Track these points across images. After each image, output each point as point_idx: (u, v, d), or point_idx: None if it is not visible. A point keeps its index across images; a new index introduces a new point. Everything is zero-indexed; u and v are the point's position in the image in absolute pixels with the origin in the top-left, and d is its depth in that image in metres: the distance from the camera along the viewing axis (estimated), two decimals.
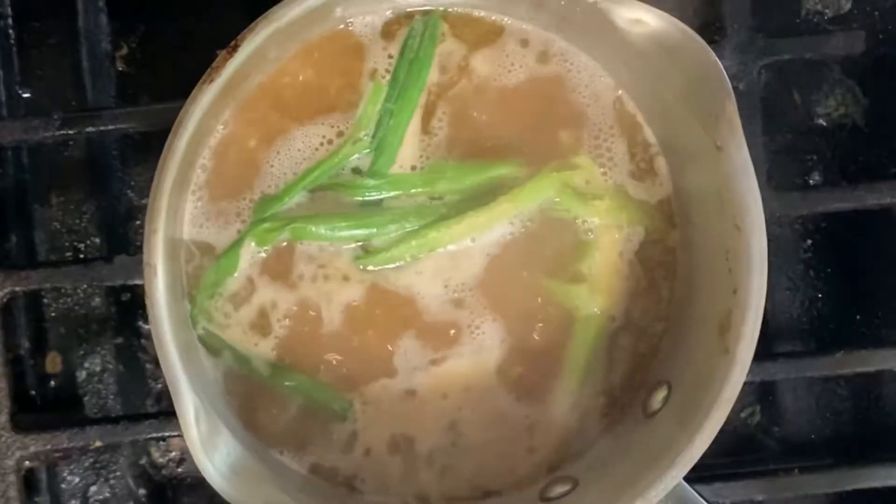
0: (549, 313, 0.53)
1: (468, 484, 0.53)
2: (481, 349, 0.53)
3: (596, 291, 0.53)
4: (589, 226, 0.53)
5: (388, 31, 0.53)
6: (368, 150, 0.53)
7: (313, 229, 0.52)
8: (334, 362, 0.53)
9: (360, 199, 0.53)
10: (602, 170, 0.54)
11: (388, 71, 0.53)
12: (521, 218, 0.53)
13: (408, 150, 0.53)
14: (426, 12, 0.53)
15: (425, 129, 0.53)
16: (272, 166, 0.52)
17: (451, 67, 0.53)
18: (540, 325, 0.53)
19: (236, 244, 0.52)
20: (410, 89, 0.53)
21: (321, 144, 0.53)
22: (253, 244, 0.52)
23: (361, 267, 0.52)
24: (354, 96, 0.53)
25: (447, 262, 0.53)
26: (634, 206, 0.54)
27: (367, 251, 0.52)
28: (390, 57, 0.53)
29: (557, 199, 0.53)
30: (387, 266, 0.53)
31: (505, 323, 0.53)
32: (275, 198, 0.52)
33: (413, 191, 0.53)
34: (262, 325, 0.52)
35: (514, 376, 0.53)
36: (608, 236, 0.53)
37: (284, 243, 0.52)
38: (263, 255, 0.52)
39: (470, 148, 0.53)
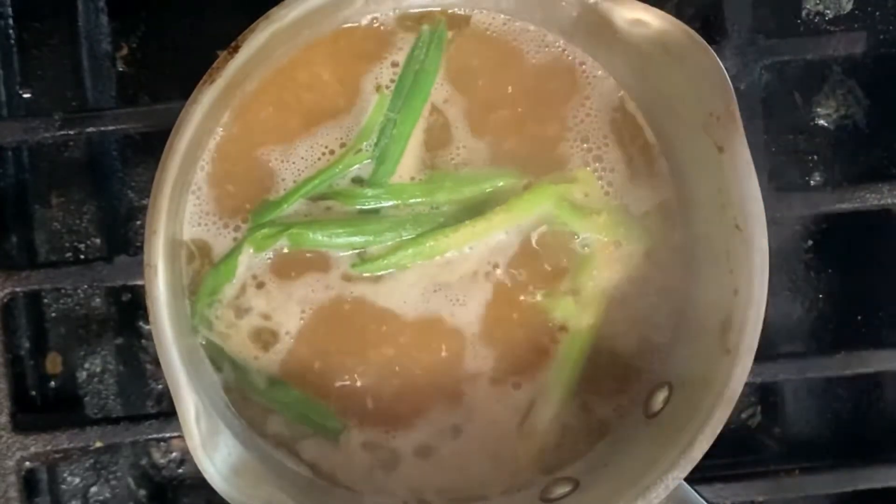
0: (544, 323, 0.53)
1: (468, 485, 0.53)
2: (478, 355, 0.53)
3: (589, 304, 0.53)
4: (586, 240, 0.53)
5: (392, 36, 0.53)
6: (369, 160, 0.53)
7: (311, 235, 0.52)
8: (338, 370, 0.53)
9: (359, 207, 0.52)
10: (601, 182, 0.53)
11: (392, 80, 0.53)
12: (518, 229, 0.53)
13: (408, 161, 0.53)
14: (429, 14, 0.53)
15: (427, 139, 0.53)
16: (273, 172, 0.52)
17: (455, 76, 0.53)
18: (534, 333, 0.53)
19: (234, 250, 0.52)
20: (414, 100, 0.52)
21: (322, 154, 0.52)
22: (251, 250, 0.52)
23: (364, 274, 0.52)
24: (356, 104, 0.53)
25: (443, 271, 0.53)
26: (633, 222, 0.53)
27: (363, 259, 0.52)
28: (394, 65, 0.53)
29: (555, 213, 0.53)
30: (382, 273, 0.52)
31: (501, 330, 0.53)
32: (273, 204, 0.52)
33: (411, 201, 0.52)
34: (261, 334, 0.52)
35: (511, 381, 0.53)
36: (605, 251, 0.53)
37: (284, 250, 0.52)
38: (262, 261, 0.52)
39: (470, 158, 0.53)
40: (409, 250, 0.52)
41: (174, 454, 0.64)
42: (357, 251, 0.52)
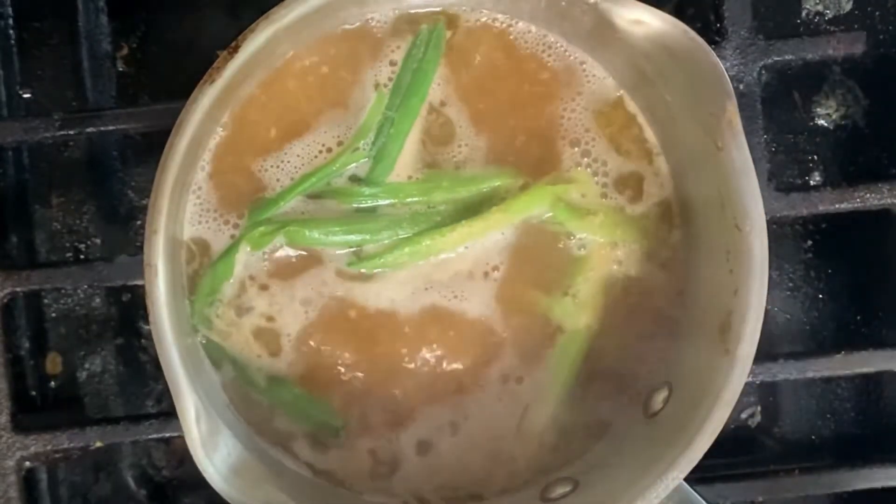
0: (540, 323, 0.53)
1: (467, 483, 0.53)
2: (474, 354, 0.53)
3: (586, 305, 0.53)
4: (582, 241, 0.53)
5: (391, 36, 0.53)
6: (367, 159, 0.53)
7: (307, 233, 0.52)
8: (335, 368, 0.53)
9: (356, 205, 0.52)
10: (598, 182, 0.53)
11: (390, 79, 0.53)
12: (515, 229, 0.53)
13: (406, 160, 0.53)
14: (429, 13, 0.53)
15: (427, 137, 0.53)
16: (270, 171, 0.52)
17: (454, 76, 0.53)
18: (531, 333, 0.53)
19: (231, 249, 0.52)
20: (412, 98, 0.52)
21: (319, 152, 0.52)
22: (248, 248, 0.52)
23: (361, 270, 0.52)
24: (355, 102, 0.53)
25: (439, 269, 0.53)
26: (630, 223, 0.53)
27: (359, 257, 0.52)
28: (392, 64, 0.53)
29: (552, 213, 0.53)
30: (377, 271, 0.52)
31: (497, 330, 0.53)
32: (270, 201, 0.52)
33: (408, 200, 0.52)
34: (262, 333, 0.52)
35: (508, 380, 0.53)
36: (601, 252, 0.53)
37: (281, 247, 0.52)
38: (259, 260, 0.52)
39: (471, 156, 0.53)
40: (405, 249, 0.52)
41: (174, 454, 0.64)
42: (353, 249, 0.52)
